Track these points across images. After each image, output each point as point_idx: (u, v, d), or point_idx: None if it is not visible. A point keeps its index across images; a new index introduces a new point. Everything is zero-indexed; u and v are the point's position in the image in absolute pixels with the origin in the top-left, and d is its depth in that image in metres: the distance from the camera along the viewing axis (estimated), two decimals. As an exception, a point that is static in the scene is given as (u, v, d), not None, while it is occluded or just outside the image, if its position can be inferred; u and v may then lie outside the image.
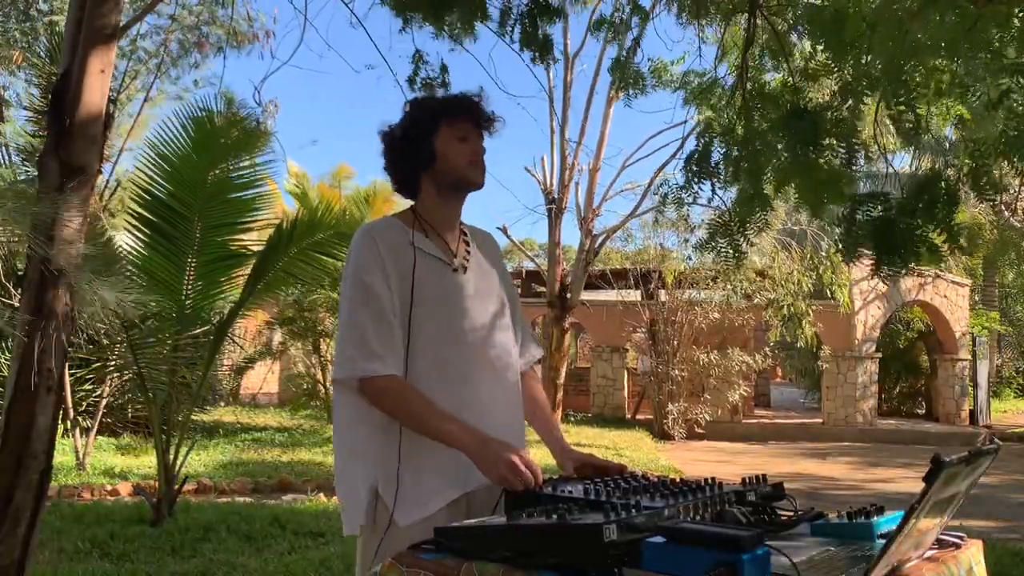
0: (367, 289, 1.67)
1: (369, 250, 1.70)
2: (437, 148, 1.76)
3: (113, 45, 3.11)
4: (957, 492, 1.24)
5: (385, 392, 1.64)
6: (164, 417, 5.73)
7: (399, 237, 1.74)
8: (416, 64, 4.26)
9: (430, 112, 1.79)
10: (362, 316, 1.66)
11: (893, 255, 3.30)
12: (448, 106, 1.79)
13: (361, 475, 1.66)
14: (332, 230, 5.89)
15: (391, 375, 1.64)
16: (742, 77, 3.97)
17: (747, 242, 3.96)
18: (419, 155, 1.77)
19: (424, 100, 1.87)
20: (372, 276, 1.67)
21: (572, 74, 14.60)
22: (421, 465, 1.64)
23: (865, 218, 3.40)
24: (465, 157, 1.77)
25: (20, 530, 2.84)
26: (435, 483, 1.65)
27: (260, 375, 16.28)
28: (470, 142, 1.78)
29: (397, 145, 1.80)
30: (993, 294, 21.03)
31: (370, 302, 1.66)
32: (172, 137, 5.29)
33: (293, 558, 4.62)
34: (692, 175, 3.92)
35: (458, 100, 1.80)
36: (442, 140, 1.77)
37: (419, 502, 1.63)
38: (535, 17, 4.14)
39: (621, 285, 15.47)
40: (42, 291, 2.90)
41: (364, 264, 1.69)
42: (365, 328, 1.65)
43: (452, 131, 1.77)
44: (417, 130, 1.77)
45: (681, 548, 1.08)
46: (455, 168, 1.77)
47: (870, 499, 1.99)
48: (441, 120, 1.77)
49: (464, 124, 1.78)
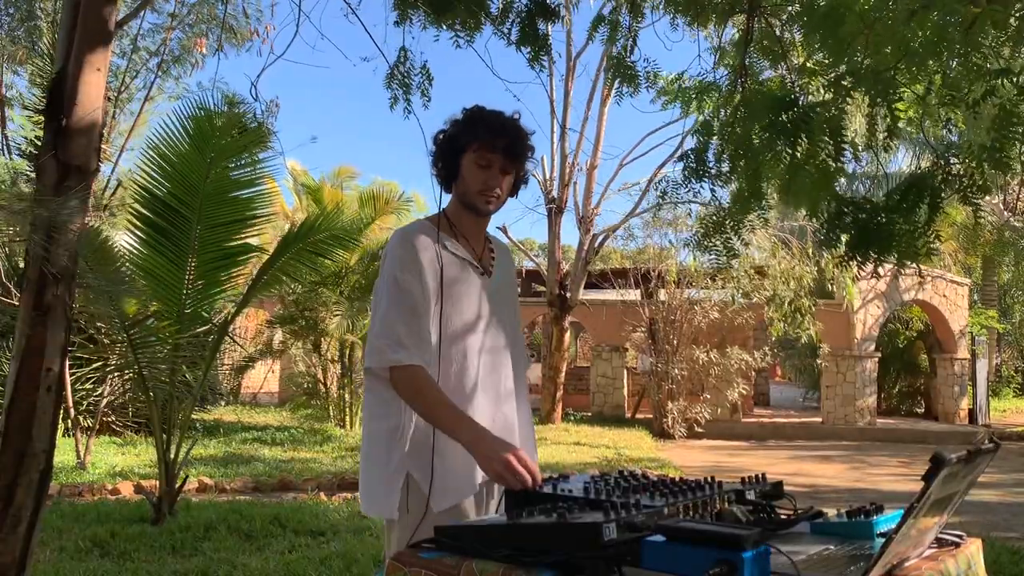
0: (401, 287, 1.77)
1: (405, 251, 1.80)
2: (462, 167, 1.86)
3: (109, 43, 3.10)
4: (956, 491, 1.24)
5: (404, 380, 1.73)
6: (165, 416, 5.73)
7: (431, 239, 1.84)
8: (398, 62, 4.23)
9: (466, 130, 1.85)
10: (394, 312, 1.76)
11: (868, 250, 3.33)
12: (480, 130, 1.83)
13: (395, 463, 1.75)
14: (334, 231, 5.91)
15: (414, 365, 1.73)
16: (740, 77, 3.97)
17: (741, 241, 3.96)
18: (448, 167, 1.88)
19: (470, 115, 1.89)
20: (407, 274, 1.77)
21: (573, 75, 14.63)
22: (452, 453, 1.73)
23: (849, 217, 3.41)
24: (478, 185, 1.84)
25: (21, 529, 2.84)
26: (465, 470, 1.74)
27: (260, 374, 16.29)
28: (489, 171, 1.84)
29: (437, 150, 1.89)
30: (992, 293, 21.02)
31: (403, 299, 1.76)
32: (172, 136, 5.27)
33: (293, 557, 4.62)
34: (690, 173, 3.92)
35: (491, 127, 1.84)
36: (467, 161, 1.85)
37: (453, 488, 1.74)
38: (533, 17, 4.14)
39: (621, 284, 15.47)
40: (42, 290, 2.91)
41: (400, 264, 1.78)
42: (396, 322, 1.74)
43: (476, 156, 1.83)
44: (451, 144, 1.86)
45: (681, 547, 1.09)
46: (468, 192, 1.86)
47: (869, 498, 2.00)
48: (471, 141, 1.83)
49: (489, 153, 1.83)
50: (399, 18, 4.20)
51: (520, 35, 4.16)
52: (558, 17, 4.25)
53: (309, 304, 11.44)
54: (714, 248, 3.96)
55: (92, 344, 8.43)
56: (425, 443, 1.74)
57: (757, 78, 4.15)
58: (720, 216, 3.98)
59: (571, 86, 14.58)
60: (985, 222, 17.04)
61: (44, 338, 2.90)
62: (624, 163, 16.38)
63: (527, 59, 4.26)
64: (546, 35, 4.29)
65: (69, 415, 8.03)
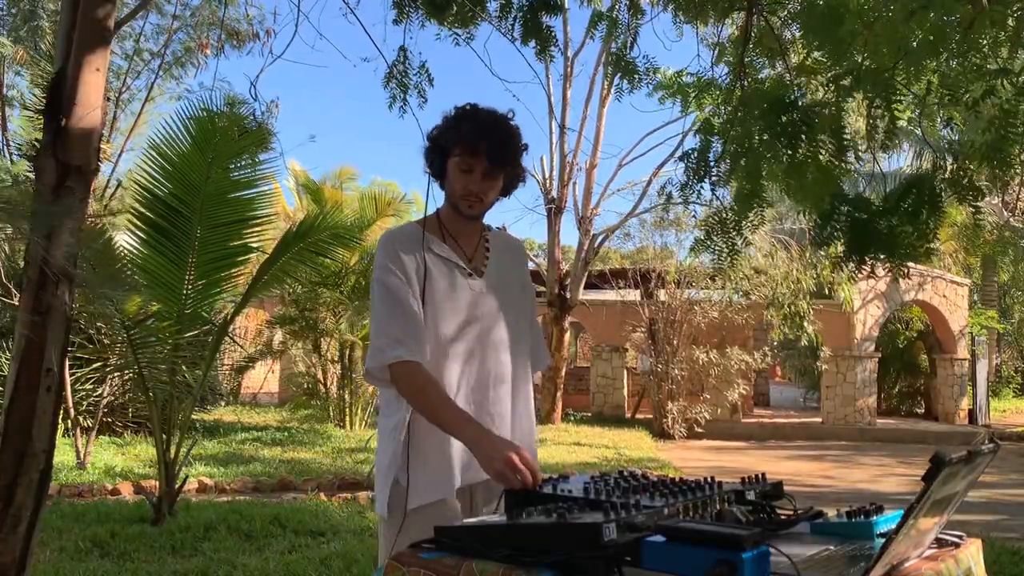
0: (388, 289, 1.78)
1: (387, 254, 1.81)
2: (447, 168, 1.84)
3: (108, 44, 3.10)
4: (956, 491, 1.24)
5: (404, 377, 1.73)
6: (164, 416, 5.73)
7: (416, 241, 1.83)
8: (397, 61, 4.23)
9: (451, 131, 1.82)
10: (387, 313, 1.77)
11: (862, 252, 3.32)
12: (464, 133, 1.80)
13: (388, 461, 1.79)
14: (335, 231, 5.90)
15: (412, 361, 1.72)
16: (739, 75, 3.97)
17: (743, 240, 3.96)
18: (437, 167, 1.86)
19: (458, 115, 1.85)
20: (391, 277, 1.78)
21: (572, 73, 14.63)
22: (431, 452, 1.75)
23: (844, 218, 3.41)
24: (460, 189, 1.83)
25: (21, 529, 2.84)
26: (441, 471, 1.76)
27: (260, 375, 16.29)
28: (470, 175, 1.81)
29: (428, 149, 1.88)
30: (992, 293, 21.02)
31: (393, 300, 1.77)
32: (173, 136, 5.28)
33: (293, 557, 4.62)
34: (692, 173, 3.92)
35: (475, 130, 1.80)
36: (452, 163, 1.83)
37: (429, 487, 1.74)
38: (535, 11, 4.15)
39: (620, 285, 15.47)
40: (42, 291, 2.90)
41: (384, 267, 1.80)
42: (391, 323, 1.76)
43: (459, 160, 1.81)
44: (438, 144, 1.85)
45: (681, 547, 1.09)
46: (451, 194, 1.86)
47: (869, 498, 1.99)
48: (455, 144, 1.81)
49: (470, 158, 1.80)
50: (398, 17, 4.20)
51: (524, 30, 4.17)
52: (561, 9, 4.25)
53: (309, 304, 11.45)
54: (716, 248, 3.96)
55: (92, 344, 8.43)
56: (408, 441, 1.76)
57: (756, 75, 4.15)
58: (722, 215, 3.98)
59: (571, 80, 14.59)
60: (985, 222, 17.03)
61: (44, 338, 2.90)
62: (624, 163, 16.41)
63: (535, 51, 4.27)
64: (550, 28, 4.29)
65: (69, 415, 8.03)
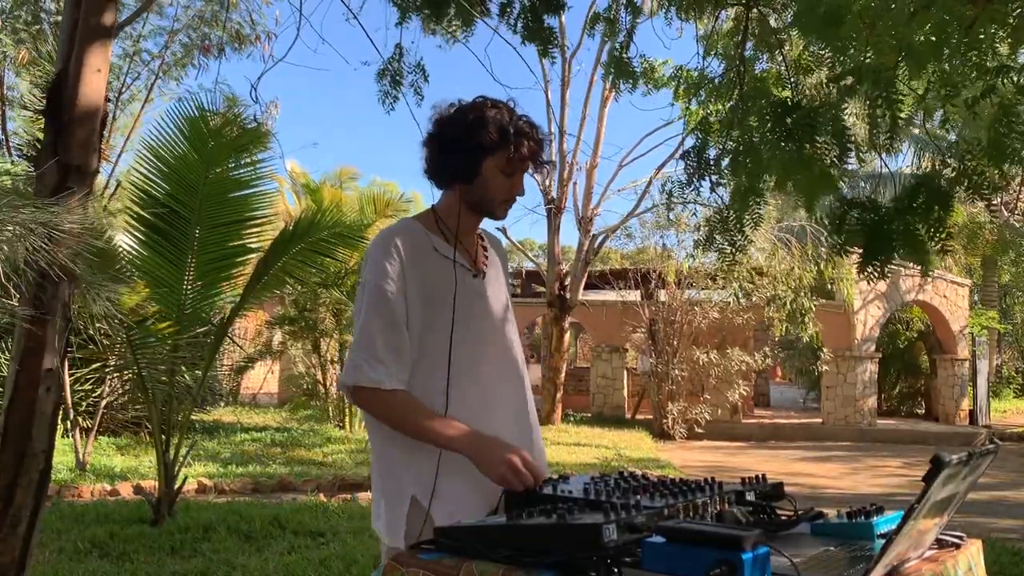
0: (380, 296, 1.64)
1: (387, 256, 1.66)
2: (483, 169, 1.70)
3: (109, 44, 3.10)
4: (956, 492, 1.24)
5: (376, 403, 1.63)
6: (164, 417, 5.72)
7: (419, 241, 1.71)
8: (392, 58, 4.23)
9: (496, 131, 1.68)
10: (374, 324, 1.64)
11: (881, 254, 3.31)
12: (515, 138, 1.69)
13: (399, 485, 1.65)
14: (336, 230, 5.88)
15: (395, 391, 1.61)
16: (738, 72, 3.97)
17: (744, 238, 3.96)
18: (462, 165, 1.70)
19: (497, 112, 1.70)
20: (388, 283, 1.65)
21: (570, 73, 14.64)
22: (458, 478, 1.61)
23: (855, 221, 3.40)
24: (503, 194, 1.73)
25: (20, 529, 2.84)
26: (473, 495, 1.61)
27: (260, 375, 16.29)
28: (513, 180, 1.73)
29: (447, 141, 1.71)
30: (992, 293, 21.02)
31: (382, 307, 1.64)
32: (167, 136, 5.26)
33: (293, 558, 4.62)
34: (692, 172, 3.93)
35: (529, 136, 1.70)
36: (491, 165, 1.70)
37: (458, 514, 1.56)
38: (537, 11, 4.15)
39: (621, 285, 15.47)
40: (41, 291, 2.90)
41: (382, 270, 1.65)
42: (374, 334, 1.63)
43: (505, 163, 1.70)
44: (472, 140, 1.68)
45: (681, 548, 1.08)
46: (489, 199, 1.73)
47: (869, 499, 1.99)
48: (501, 147, 1.68)
49: (520, 163, 1.71)
50: (399, 19, 4.21)
51: (526, 31, 4.17)
52: (564, 8, 4.26)
53: (309, 304, 11.44)
54: (720, 246, 3.97)
55: (92, 344, 8.42)
56: (430, 468, 1.61)
57: (753, 70, 4.15)
58: (724, 213, 3.98)
59: (568, 79, 14.59)
60: (985, 222, 17.03)
61: (44, 338, 2.91)
62: (624, 163, 16.40)
63: (538, 52, 4.28)
64: (552, 28, 4.29)
65: (69, 415, 8.02)
